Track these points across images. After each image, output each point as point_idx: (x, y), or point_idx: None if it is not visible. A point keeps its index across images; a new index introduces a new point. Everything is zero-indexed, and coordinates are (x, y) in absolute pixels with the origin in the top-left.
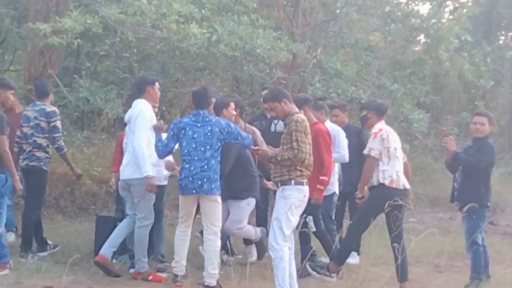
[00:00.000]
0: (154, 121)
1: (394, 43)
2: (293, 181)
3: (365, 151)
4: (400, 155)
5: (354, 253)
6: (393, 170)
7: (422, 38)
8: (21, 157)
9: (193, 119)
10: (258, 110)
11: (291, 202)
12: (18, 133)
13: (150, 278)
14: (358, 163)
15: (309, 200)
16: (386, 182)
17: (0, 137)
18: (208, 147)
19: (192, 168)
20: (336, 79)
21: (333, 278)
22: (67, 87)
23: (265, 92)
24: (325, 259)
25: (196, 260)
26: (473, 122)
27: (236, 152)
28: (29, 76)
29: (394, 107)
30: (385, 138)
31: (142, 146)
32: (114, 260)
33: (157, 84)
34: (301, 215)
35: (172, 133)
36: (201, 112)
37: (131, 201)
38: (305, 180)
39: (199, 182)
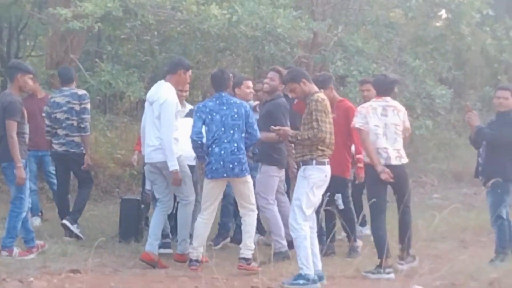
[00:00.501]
0: (179, 107)
1: (415, 19)
2: (314, 161)
3: (351, 125)
4: (400, 131)
5: None
6: (382, 149)
7: (443, 13)
8: (56, 141)
9: (217, 102)
10: None
11: (313, 182)
12: (47, 121)
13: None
14: None
15: (339, 178)
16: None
17: (8, 121)
18: (236, 129)
19: (222, 152)
20: (358, 57)
21: (390, 274)
22: (89, 71)
23: (272, 73)
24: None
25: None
26: (497, 97)
27: None
28: (51, 61)
29: (416, 83)
30: (365, 114)
31: (170, 139)
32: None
33: (190, 71)
34: (324, 194)
35: (198, 117)
36: (223, 94)
37: (160, 184)
38: (326, 160)
39: (230, 166)
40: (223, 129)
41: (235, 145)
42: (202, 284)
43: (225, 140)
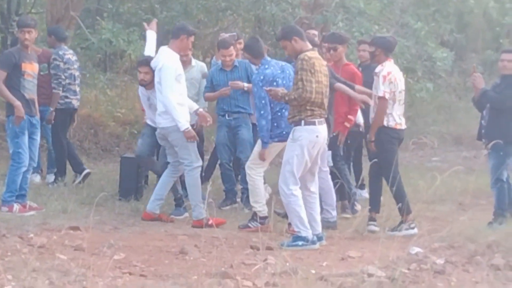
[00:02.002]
0: (180, 71)
1: None
2: (303, 121)
3: (380, 94)
4: (403, 97)
5: None
6: (396, 114)
7: None
8: (74, 97)
9: (271, 68)
10: (280, 50)
11: (302, 144)
12: (62, 76)
13: (210, 223)
14: None
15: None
16: (391, 125)
17: None
18: None
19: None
20: (359, 18)
21: (415, 229)
22: (89, 29)
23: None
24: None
25: None
26: (501, 59)
27: None
28: (51, 18)
29: (418, 45)
30: (393, 81)
31: (172, 102)
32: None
33: (193, 37)
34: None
35: (261, 87)
36: (268, 59)
37: (171, 149)
38: (317, 120)
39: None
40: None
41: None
42: (201, 243)
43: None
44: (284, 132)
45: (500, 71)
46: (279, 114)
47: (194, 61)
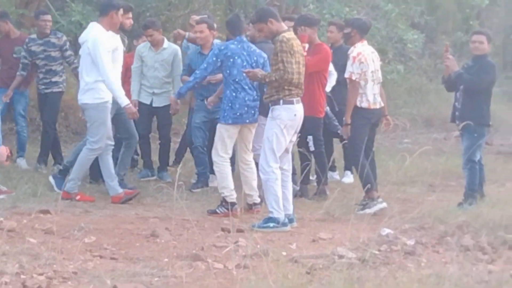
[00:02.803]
0: (114, 46)
1: None
2: (281, 101)
3: (346, 75)
4: (377, 77)
5: (348, 172)
6: (370, 94)
7: None
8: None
9: (239, 46)
10: None
11: (281, 123)
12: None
13: (77, 198)
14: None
15: (311, 119)
16: (364, 105)
17: None
18: None
19: (246, 98)
20: (330, 0)
21: (383, 203)
22: (59, 11)
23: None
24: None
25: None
26: (472, 41)
27: None
28: (21, 0)
29: (389, 27)
30: (363, 61)
31: (111, 78)
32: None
33: (121, 11)
34: (298, 134)
35: (215, 59)
36: (244, 39)
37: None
38: (295, 99)
39: (252, 112)
40: (244, 74)
41: (255, 91)
42: (172, 226)
43: (246, 87)
44: (238, 114)
45: (472, 52)
46: (234, 95)
47: (166, 43)
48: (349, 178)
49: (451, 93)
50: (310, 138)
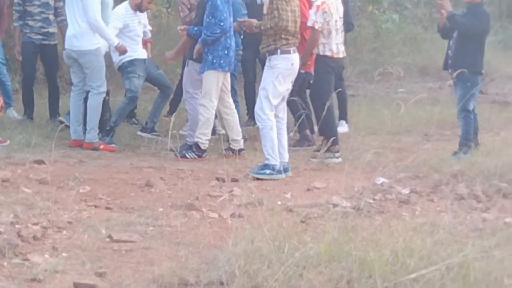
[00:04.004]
0: None
1: None
2: (279, 50)
3: (309, 23)
4: (340, 26)
5: (343, 122)
6: (332, 43)
7: None
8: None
9: None
10: None
11: (278, 71)
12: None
13: (101, 147)
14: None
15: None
16: (327, 54)
17: None
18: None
19: (233, 45)
20: None
21: (339, 158)
22: None
23: None
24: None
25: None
26: None
27: None
28: None
29: None
30: (327, 11)
31: (99, 20)
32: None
33: None
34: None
35: (224, 3)
36: None
37: (76, 70)
38: (292, 48)
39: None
40: (231, 20)
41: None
42: (167, 175)
43: (232, 32)
44: (231, 61)
45: (465, 0)
46: (229, 42)
47: None
48: (344, 127)
49: (446, 41)
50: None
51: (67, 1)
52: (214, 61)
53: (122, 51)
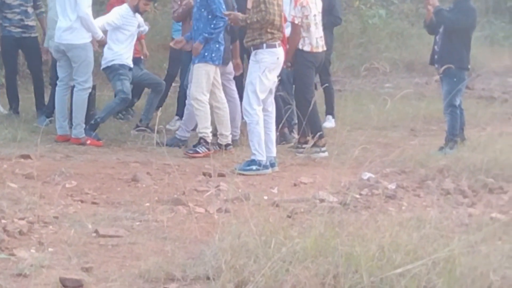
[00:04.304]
0: None
1: None
2: (264, 45)
3: (289, 19)
4: (319, 20)
5: (329, 117)
6: (312, 37)
7: None
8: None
9: None
10: None
11: (264, 66)
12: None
13: (88, 143)
14: (331, 26)
15: None
16: (306, 49)
17: None
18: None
19: (223, 40)
20: None
21: (325, 152)
22: None
23: None
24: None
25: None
26: None
27: None
28: None
29: None
30: (305, 6)
31: (89, 14)
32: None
33: None
34: (278, 77)
35: None
36: None
37: (65, 64)
38: (277, 42)
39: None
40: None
41: None
42: (153, 170)
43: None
44: (224, 56)
45: None
46: (222, 36)
47: None
48: (330, 122)
49: (433, 37)
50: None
51: None
52: (206, 54)
53: (102, 44)
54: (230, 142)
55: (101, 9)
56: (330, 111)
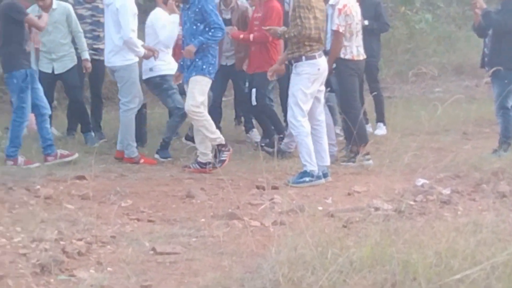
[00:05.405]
0: (135, 9)
1: None
2: (303, 57)
3: (334, 27)
4: (359, 29)
5: (380, 124)
6: (353, 46)
7: None
8: None
9: None
10: None
11: (306, 77)
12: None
13: (141, 162)
14: (378, 33)
15: (260, 74)
16: (348, 57)
17: (26, 19)
18: None
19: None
20: None
21: (370, 161)
22: None
23: None
24: None
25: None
26: None
27: None
28: None
29: None
30: (349, 14)
31: (132, 37)
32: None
33: None
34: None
35: (214, 6)
36: None
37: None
38: (317, 53)
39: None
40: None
41: None
42: (207, 186)
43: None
44: (216, 68)
45: None
46: (216, 48)
47: (55, 3)
48: (381, 130)
49: (481, 39)
50: (253, 91)
51: (106, 18)
52: (204, 67)
53: (148, 57)
54: (210, 160)
55: None
56: (380, 118)
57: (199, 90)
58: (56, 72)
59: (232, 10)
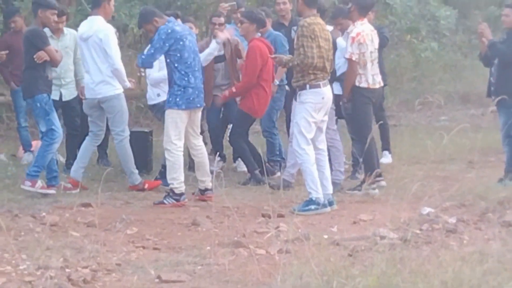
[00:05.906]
0: (115, 37)
1: None
2: (308, 85)
3: (347, 56)
4: (375, 57)
5: (386, 152)
6: (368, 74)
7: None
8: None
9: (180, 27)
10: None
11: (309, 106)
12: None
13: (146, 187)
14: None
15: (242, 112)
16: (363, 85)
17: (46, 49)
18: (198, 57)
19: (197, 81)
20: None
21: (376, 190)
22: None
23: None
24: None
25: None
26: (505, 14)
27: None
28: None
29: (421, 5)
30: (362, 43)
31: (122, 66)
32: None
33: (112, 1)
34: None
35: (162, 43)
36: (177, 19)
37: (98, 118)
38: (321, 82)
39: (202, 95)
40: (193, 56)
41: (201, 73)
42: (213, 213)
43: (196, 69)
44: (191, 98)
45: (505, 25)
46: (186, 79)
47: (65, 29)
48: (387, 158)
49: (487, 68)
50: (230, 126)
51: (85, 52)
52: (170, 99)
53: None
54: (209, 187)
55: None
56: (386, 146)
57: (170, 124)
58: (63, 99)
59: (225, 45)
